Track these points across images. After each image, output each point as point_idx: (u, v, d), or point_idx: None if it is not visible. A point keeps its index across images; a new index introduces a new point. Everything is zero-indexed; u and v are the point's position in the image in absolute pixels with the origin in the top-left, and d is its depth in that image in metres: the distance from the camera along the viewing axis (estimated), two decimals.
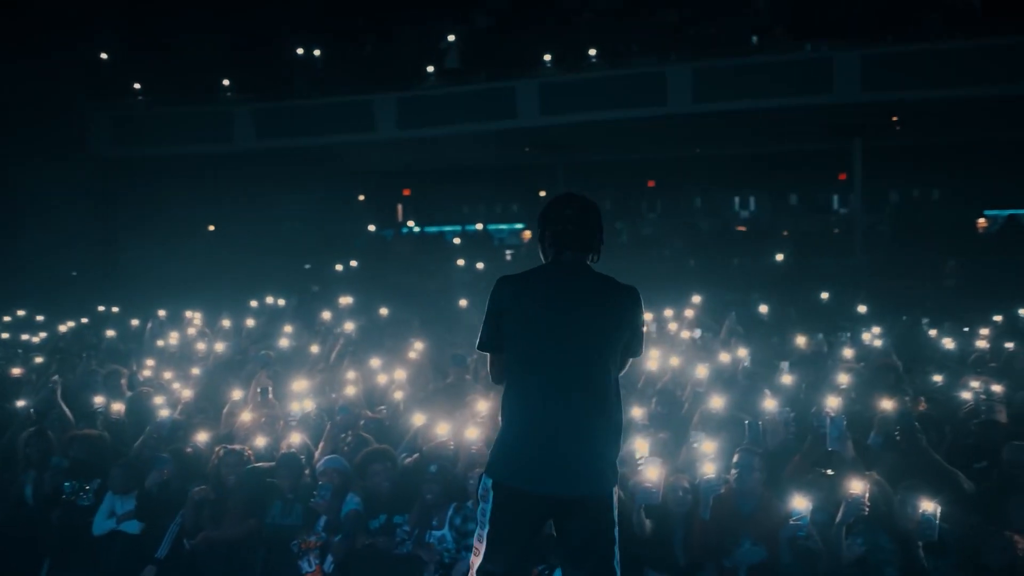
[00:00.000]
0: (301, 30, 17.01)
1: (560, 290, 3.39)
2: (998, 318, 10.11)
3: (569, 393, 3.30)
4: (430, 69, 15.79)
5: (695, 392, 6.62)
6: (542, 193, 20.99)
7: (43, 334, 11.32)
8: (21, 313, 12.58)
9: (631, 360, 3.56)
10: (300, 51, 16.84)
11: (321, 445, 6.18)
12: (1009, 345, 8.43)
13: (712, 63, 14.46)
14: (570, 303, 3.37)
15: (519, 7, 16.66)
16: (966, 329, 9.86)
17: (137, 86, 16.88)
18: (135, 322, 11.54)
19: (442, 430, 5.95)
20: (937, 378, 7.69)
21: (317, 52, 16.91)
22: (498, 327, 3.42)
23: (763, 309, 11.03)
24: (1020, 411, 6.39)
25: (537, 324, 3.35)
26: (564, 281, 3.41)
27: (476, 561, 3.38)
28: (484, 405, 6.33)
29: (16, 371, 8.44)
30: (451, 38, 16.17)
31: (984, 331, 9.35)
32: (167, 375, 8.37)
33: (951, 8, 13.48)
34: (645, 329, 3.61)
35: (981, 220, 18.33)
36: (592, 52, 14.92)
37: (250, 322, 10.96)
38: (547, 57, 15.16)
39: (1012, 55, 13.09)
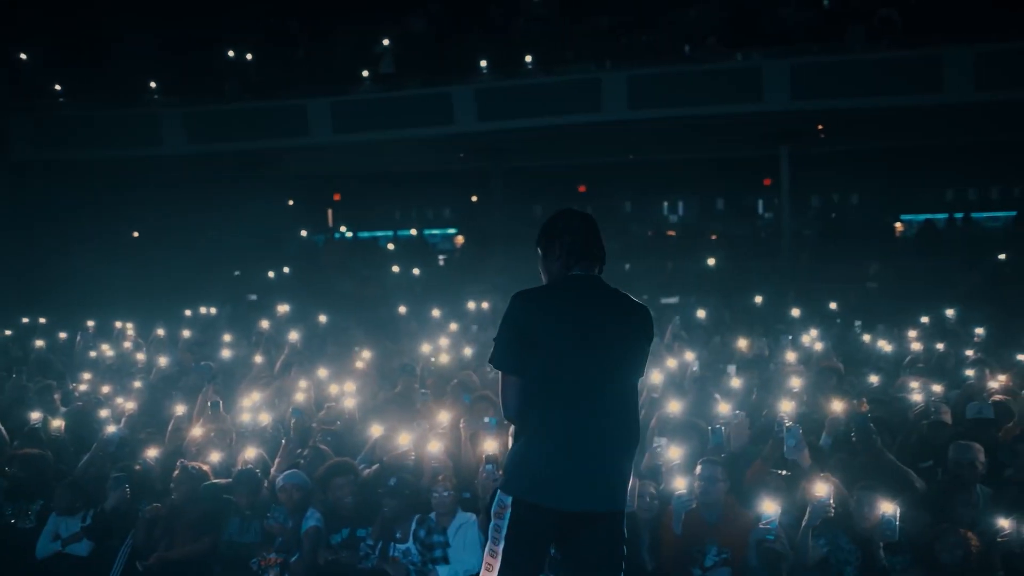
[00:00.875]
0: (233, 32, 16.61)
1: (585, 307, 3.38)
2: (925, 319, 10.52)
3: (598, 410, 3.29)
4: (365, 73, 15.64)
5: (651, 397, 6.71)
6: (474, 198, 20.99)
7: None
8: None
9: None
10: (231, 53, 16.46)
11: (277, 460, 6.05)
12: (940, 346, 8.78)
13: (646, 71, 14.69)
14: (596, 320, 3.36)
15: (455, 12, 16.61)
16: (894, 330, 10.23)
17: (58, 87, 16.25)
18: (63, 335, 11.11)
19: (404, 441, 5.88)
20: (873, 379, 7.96)
21: (249, 55, 16.56)
22: (520, 346, 3.32)
23: (701, 313, 11.24)
24: (955, 410, 6.67)
25: (564, 342, 3.31)
26: (586, 297, 3.40)
27: None
28: (444, 416, 6.29)
29: None
30: (386, 42, 16.03)
31: (912, 332, 9.73)
32: (105, 389, 8.08)
33: (875, 21, 13.97)
34: None
35: (898, 224, 19.08)
36: (528, 58, 14.99)
37: (185, 332, 10.68)
38: (483, 63, 15.17)
39: (929, 67, 13.67)
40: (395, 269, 16.30)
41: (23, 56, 16.22)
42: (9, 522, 5.87)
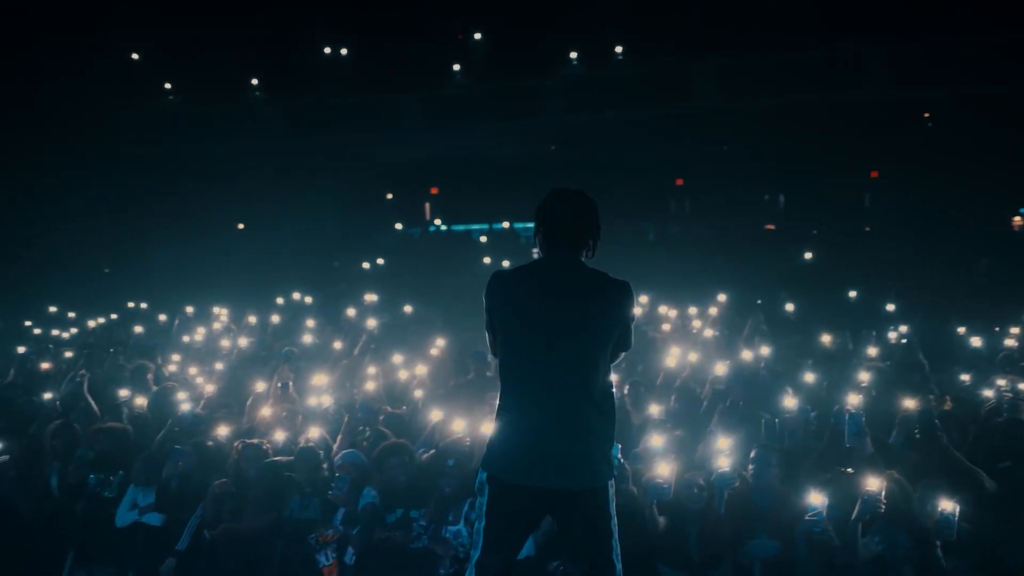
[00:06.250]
0: (329, 29, 17.11)
1: (551, 285, 3.40)
2: None
3: (559, 387, 3.31)
4: (457, 67, 15.82)
5: (714, 389, 6.58)
6: None
7: (74, 330, 11.50)
8: (53, 309, 12.78)
9: (623, 354, 3.54)
10: (328, 50, 16.96)
11: (339, 439, 6.22)
12: None
13: (738, 60, 14.36)
14: (560, 298, 3.37)
15: (545, 5, 16.63)
16: (996, 328, 9.68)
17: (167, 86, 17.08)
18: (163, 317, 11.69)
19: (458, 426, 5.96)
20: (965, 377, 7.57)
21: (344, 51, 17.02)
22: (491, 323, 3.45)
23: (789, 307, 10.93)
24: None
25: (527, 319, 3.36)
26: (555, 277, 3.41)
27: (473, 553, 3.39)
28: None
29: (45, 365, 8.59)
30: (478, 36, 16.18)
31: (1015, 330, 9.18)
32: (192, 370, 8.47)
33: (981, 4, 13.25)
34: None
35: (1017, 218, 18.00)
36: (618, 49, 14.88)
37: (275, 318, 11.06)
38: (573, 55, 15.13)
39: None
40: (486, 261, 16.41)
41: (135, 56, 17.10)
42: (94, 491, 6.22)
